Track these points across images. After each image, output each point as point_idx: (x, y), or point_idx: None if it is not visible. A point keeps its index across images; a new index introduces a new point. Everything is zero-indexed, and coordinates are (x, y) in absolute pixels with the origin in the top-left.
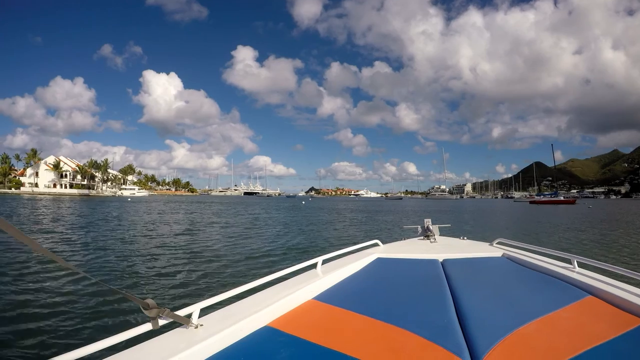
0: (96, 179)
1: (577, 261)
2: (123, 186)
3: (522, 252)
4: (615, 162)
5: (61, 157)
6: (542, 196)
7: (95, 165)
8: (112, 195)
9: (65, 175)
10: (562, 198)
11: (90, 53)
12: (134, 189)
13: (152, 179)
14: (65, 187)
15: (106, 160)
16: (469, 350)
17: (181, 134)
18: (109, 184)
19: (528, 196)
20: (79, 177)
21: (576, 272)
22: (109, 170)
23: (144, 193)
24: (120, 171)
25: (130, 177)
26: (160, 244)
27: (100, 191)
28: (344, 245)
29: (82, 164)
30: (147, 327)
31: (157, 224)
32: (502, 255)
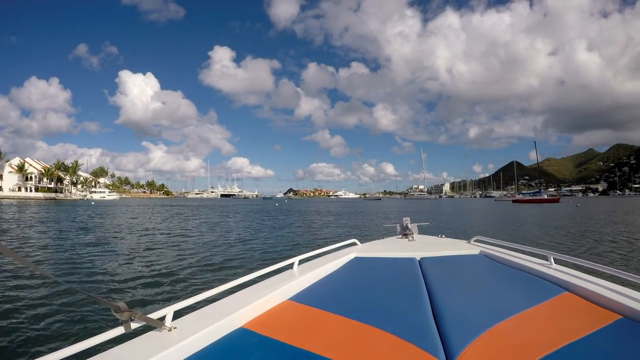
0: (65, 182)
1: (553, 258)
2: (93, 189)
3: (499, 249)
4: (590, 161)
5: (27, 159)
6: (525, 195)
7: (63, 167)
8: (81, 199)
9: (31, 178)
10: (545, 197)
11: (66, 53)
12: (104, 192)
13: (126, 181)
14: (31, 191)
15: (76, 162)
16: (444, 348)
17: (158, 135)
18: (79, 186)
19: (509, 195)
20: (45, 180)
21: (553, 269)
22: (80, 173)
23: (114, 196)
24: (92, 173)
25: (102, 180)
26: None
27: (69, 194)
28: (322, 245)
29: (48, 166)
30: (119, 330)
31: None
32: (480, 253)
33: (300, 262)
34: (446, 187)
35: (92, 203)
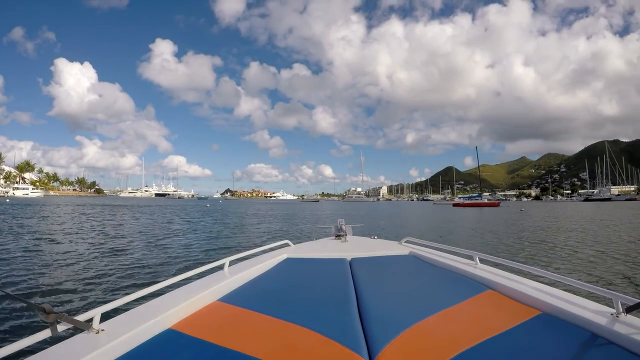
0: None
1: (478, 257)
2: (16, 185)
3: (429, 250)
4: (522, 168)
5: None
6: (465, 199)
7: None
8: (1, 196)
9: None
10: (485, 201)
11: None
12: (27, 189)
13: (55, 177)
14: None
15: None
16: (367, 345)
17: (93, 129)
18: (2, 182)
19: (448, 199)
20: None
21: (478, 268)
22: (2, 167)
23: (38, 194)
24: (17, 168)
25: (28, 175)
26: None
27: None
28: (254, 246)
29: None
30: (45, 334)
31: None
32: (409, 254)
33: (231, 262)
34: (384, 190)
35: (7, 201)
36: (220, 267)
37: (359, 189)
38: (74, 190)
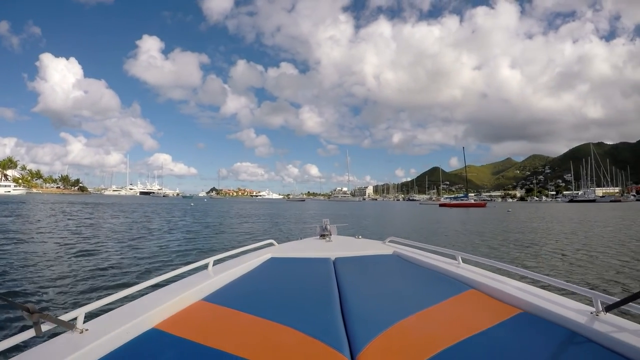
0: None
1: (461, 257)
2: None
3: (412, 249)
4: (507, 169)
5: None
6: (452, 199)
7: None
8: None
9: None
10: (472, 201)
11: None
12: (9, 186)
13: (38, 175)
14: None
15: None
16: (349, 344)
17: (78, 126)
18: None
19: (435, 199)
20: None
21: (461, 268)
22: None
23: (20, 191)
24: None
25: (10, 172)
26: None
27: None
28: (238, 246)
29: None
30: (30, 333)
31: None
32: (393, 253)
33: (215, 262)
34: (369, 190)
35: None
36: (205, 267)
37: (345, 189)
38: (57, 188)
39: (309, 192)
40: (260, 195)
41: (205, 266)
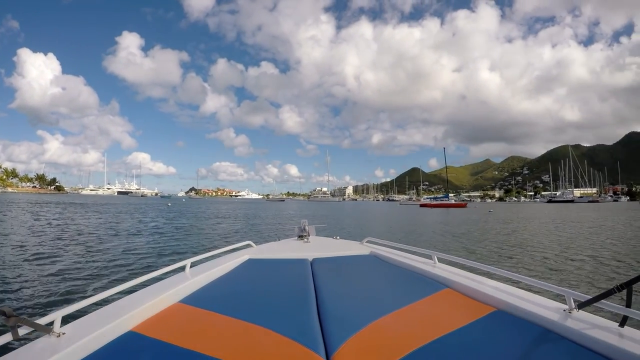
0: None
1: (437, 257)
2: None
3: (389, 249)
4: (486, 170)
5: None
6: (433, 199)
7: None
8: None
9: None
10: (453, 202)
11: None
12: None
13: (13, 173)
14: None
15: None
16: (325, 344)
17: (55, 124)
18: None
19: (415, 199)
20: None
21: (436, 267)
22: None
23: None
24: None
25: None
26: None
27: None
28: (216, 247)
29: None
30: (6, 338)
31: None
32: (370, 253)
33: (193, 264)
34: (349, 190)
35: None
36: (182, 269)
37: (324, 189)
38: (33, 187)
39: (288, 192)
40: (239, 195)
41: (183, 268)
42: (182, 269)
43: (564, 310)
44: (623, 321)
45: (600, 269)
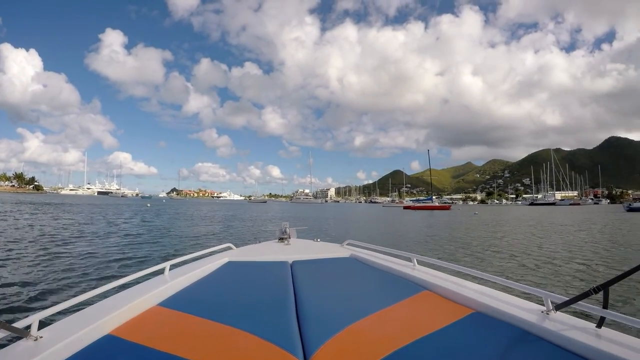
0: None
1: (416, 259)
2: None
3: (369, 252)
4: (467, 173)
5: None
6: (416, 202)
7: None
8: None
9: None
10: (437, 204)
11: None
12: None
13: None
14: None
15: None
16: (303, 346)
17: (36, 122)
18: None
19: (398, 202)
20: None
21: (416, 270)
22: None
23: None
24: None
25: None
26: None
27: None
28: (196, 250)
29: None
30: None
31: None
32: (350, 256)
33: (172, 267)
34: (331, 192)
35: None
36: (161, 271)
37: (307, 190)
38: (12, 186)
39: (270, 193)
40: (221, 196)
41: (162, 271)
42: (162, 271)
43: (542, 312)
44: (600, 322)
45: (586, 270)
